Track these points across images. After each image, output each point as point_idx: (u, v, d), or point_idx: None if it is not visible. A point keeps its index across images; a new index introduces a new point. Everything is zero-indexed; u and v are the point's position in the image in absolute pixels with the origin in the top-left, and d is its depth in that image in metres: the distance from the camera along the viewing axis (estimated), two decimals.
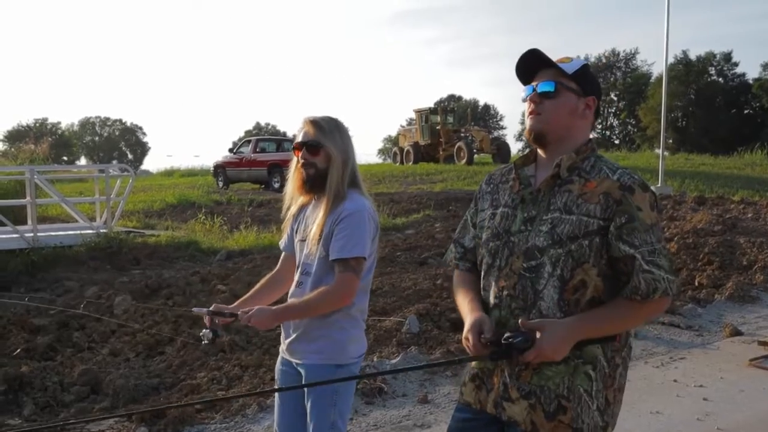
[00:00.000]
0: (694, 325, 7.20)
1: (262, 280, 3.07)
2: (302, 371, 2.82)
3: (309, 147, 2.77)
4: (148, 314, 7.31)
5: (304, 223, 2.88)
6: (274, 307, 2.78)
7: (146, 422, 4.63)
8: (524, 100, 2.23)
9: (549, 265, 2.08)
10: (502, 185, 2.30)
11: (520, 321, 2.06)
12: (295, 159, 2.85)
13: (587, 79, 2.19)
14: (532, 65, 2.21)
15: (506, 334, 2.04)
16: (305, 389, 2.80)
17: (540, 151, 2.24)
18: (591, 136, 2.23)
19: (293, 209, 2.96)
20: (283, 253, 3.06)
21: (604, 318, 2.06)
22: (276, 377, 3.01)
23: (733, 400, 5.13)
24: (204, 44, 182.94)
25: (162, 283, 8.59)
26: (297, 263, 2.90)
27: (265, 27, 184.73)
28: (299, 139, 2.82)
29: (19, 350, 6.35)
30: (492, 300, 2.19)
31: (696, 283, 8.81)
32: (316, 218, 2.78)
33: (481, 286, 2.27)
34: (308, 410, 2.80)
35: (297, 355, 2.83)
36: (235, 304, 2.95)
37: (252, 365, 5.69)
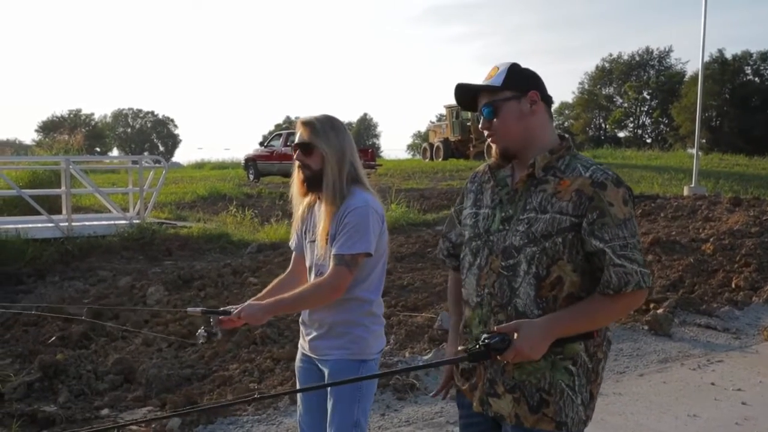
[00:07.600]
0: (732, 327, 7.07)
1: (274, 281, 3.05)
2: (325, 368, 2.82)
3: (302, 148, 2.80)
4: (180, 305, 7.35)
5: (312, 223, 2.89)
6: (264, 302, 2.77)
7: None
8: (480, 128, 2.32)
9: (524, 263, 2.13)
10: (486, 185, 2.36)
11: (495, 327, 2.10)
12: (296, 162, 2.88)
13: (519, 78, 2.22)
14: (469, 95, 2.30)
15: (483, 336, 2.08)
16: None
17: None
18: (566, 136, 2.28)
19: (300, 210, 2.95)
20: (293, 254, 3.06)
21: (579, 314, 2.10)
22: (296, 374, 3.01)
23: None
24: (235, 38, 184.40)
25: (194, 275, 8.63)
26: (309, 264, 2.90)
27: (296, 22, 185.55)
28: (295, 141, 2.86)
29: (54, 338, 6.44)
30: (474, 299, 2.26)
31: (733, 285, 8.64)
32: (322, 218, 2.79)
33: (462, 282, 2.34)
34: (330, 407, 2.78)
35: (320, 351, 2.84)
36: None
37: (284, 358, 5.69)
